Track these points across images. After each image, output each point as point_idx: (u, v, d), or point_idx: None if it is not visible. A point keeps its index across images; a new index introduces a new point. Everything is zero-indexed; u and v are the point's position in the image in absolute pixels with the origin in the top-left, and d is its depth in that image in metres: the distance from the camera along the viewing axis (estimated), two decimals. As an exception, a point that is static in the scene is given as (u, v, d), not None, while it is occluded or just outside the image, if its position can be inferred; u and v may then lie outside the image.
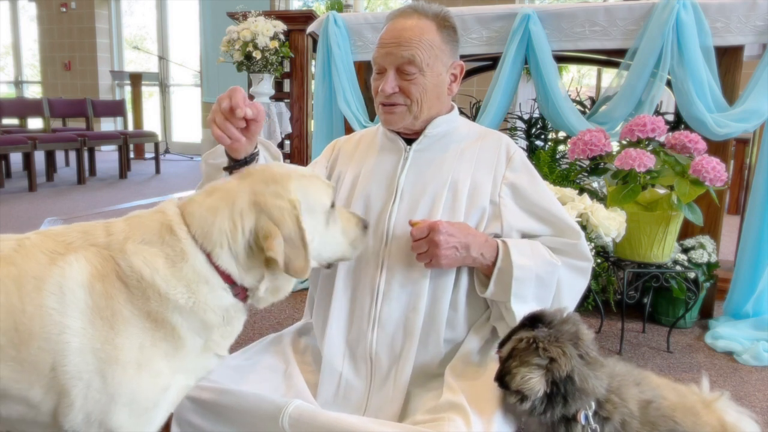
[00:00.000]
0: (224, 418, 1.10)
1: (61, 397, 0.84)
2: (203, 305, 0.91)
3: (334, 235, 1.07)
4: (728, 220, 2.92)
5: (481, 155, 1.32)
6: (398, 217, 1.26)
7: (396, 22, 1.26)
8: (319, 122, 2.90)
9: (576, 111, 2.43)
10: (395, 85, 1.25)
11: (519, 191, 1.29)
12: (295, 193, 0.96)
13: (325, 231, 1.04)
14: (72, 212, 4.35)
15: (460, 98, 4.25)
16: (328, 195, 1.04)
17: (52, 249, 0.88)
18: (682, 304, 2.25)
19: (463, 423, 1.02)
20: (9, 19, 10.01)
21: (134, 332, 0.87)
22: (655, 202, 2.00)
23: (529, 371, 1.02)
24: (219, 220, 0.92)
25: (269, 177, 0.98)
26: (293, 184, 0.98)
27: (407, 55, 1.23)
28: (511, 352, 1.07)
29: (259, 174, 1.00)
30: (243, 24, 4.19)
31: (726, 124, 2.16)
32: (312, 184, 1.02)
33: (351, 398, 1.22)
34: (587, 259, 1.30)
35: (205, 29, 7.86)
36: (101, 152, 8.19)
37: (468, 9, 2.54)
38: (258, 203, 0.93)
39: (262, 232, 0.91)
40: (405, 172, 1.30)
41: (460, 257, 1.19)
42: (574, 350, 1.05)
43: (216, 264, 0.92)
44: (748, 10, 2.18)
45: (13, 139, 5.31)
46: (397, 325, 1.22)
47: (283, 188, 0.96)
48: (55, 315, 0.83)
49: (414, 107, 1.27)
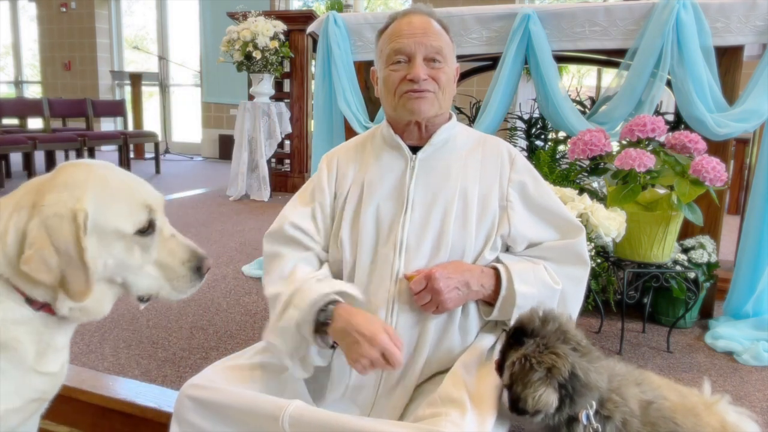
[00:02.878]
0: (224, 418, 1.10)
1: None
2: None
3: (142, 265, 0.93)
4: (728, 220, 2.92)
5: (485, 161, 1.32)
6: (411, 228, 1.25)
7: (411, 17, 1.28)
8: (319, 122, 2.90)
9: (576, 111, 2.43)
10: (426, 71, 1.26)
11: (526, 192, 1.30)
12: (85, 203, 0.84)
13: (128, 258, 0.91)
14: (72, 212, 4.35)
15: (460, 98, 4.24)
16: (132, 220, 0.90)
17: None
18: (682, 304, 2.25)
19: (460, 418, 1.02)
20: (9, 19, 10.01)
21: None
22: (655, 202, 2.00)
23: (535, 390, 1.02)
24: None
25: (65, 180, 0.85)
26: (89, 194, 0.85)
27: (437, 44, 1.26)
28: (511, 378, 1.06)
29: (62, 174, 0.87)
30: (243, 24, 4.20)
31: (726, 124, 2.16)
32: (115, 202, 0.88)
33: (357, 400, 1.23)
34: (585, 263, 1.30)
35: (205, 29, 7.86)
36: (101, 152, 8.18)
37: (468, 9, 2.54)
38: (36, 205, 0.81)
39: (28, 239, 0.79)
40: (414, 182, 1.28)
41: (463, 295, 1.21)
42: (565, 347, 1.05)
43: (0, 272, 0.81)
44: (748, 10, 2.18)
45: (13, 139, 5.31)
46: (412, 336, 1.22)
47: (71, 195, 0.83)
48: None
49: (440, 96, 1.28)
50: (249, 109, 4.69)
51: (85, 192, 0.85)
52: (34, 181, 0.89)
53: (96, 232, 0.84)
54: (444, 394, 1.10)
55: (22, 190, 0.87)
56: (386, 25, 1.32)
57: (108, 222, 0.87)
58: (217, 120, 8.58)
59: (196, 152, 8.75)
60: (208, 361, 1.87)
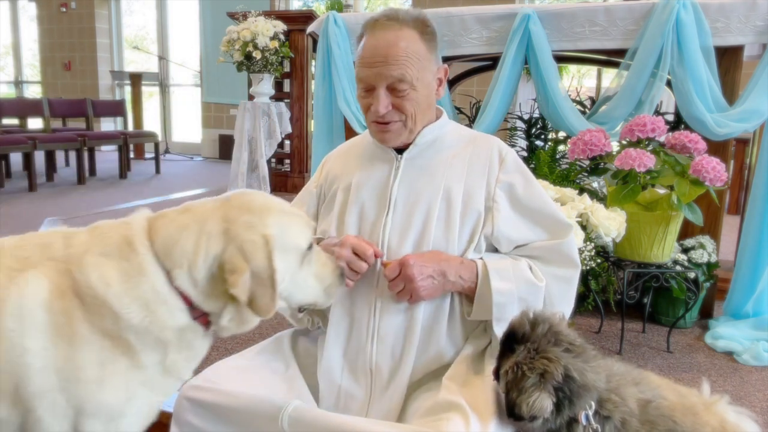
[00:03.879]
0: (224, 419, 1.10)
1: (27, 415, 0.84)
2: (159, 323, 0.88)
3: (306, 278, 1.01)
4: (728, 220, 2.92)
5: (472, 160, 1.30)
6: (393, 228, 1.24)
7: (378, 36, 1.21)
8: (319, 122, 2.90)
9: (576, 111, 2.43)
10: (388, 103, 1.21)
11: (514, 193, 1.28)
12: (271, 228, 0.91)
13: (298, 273, 0.98)
14: (72, 212, 4.35)
15: (460, 98, 4.24)
16: (306, 236, 0.99)
17: (9, 266, 0.86)
18: (682, 304, 2.25)
19: (462, 422, 1.02)
20: (9, 19, 10.01)
21: (94, 350, 0.85)
22: (655, 202, 2.00)
23: (529, 395, 1.01)
24: (183, 240, 0.89)
25: (247, 206, 0.93)
26: (272, 218, 0.93)
27: (397, 74, 1.18)
28: (506, 386, 1.06)
29: (238, 200, 0.95)
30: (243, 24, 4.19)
31: (726, 124, 2.16)
32: (292, 223, 0.97)
33: (351, 408, 1.22)
34: (574, 265, 1.28)
35: (205, 29, 7.86)
36: (101, 152, 8.19)
37: (468, 9, 2.54)
38: (229, 232, 0.89)
39: (228, 265, 0.87)
40: (398, 182, 1.28)
41: (439, 285, 1.18)
42: (557, 350, 1.04)
43: (175, 284, 0.88)
44: (748, 10, 2.18)
45: (13, 139, 5.31)
46: (396, 337, 1.21)
47: (259, 221, 0.91)
48: (14, 337, 0.82)
49: (409, 122, 1.24)
50: (249, 109, 4.69)
51: (268, 216, 0.92)
52: (203, 205, 0.95)
53: (280, 252, 0.91)
54: (443, 401, 1.10)
55: (194, 215, 0.92)
56: (360, 35, 1.27)
57: (289, 242, 0.95)
58: (217, 120, 8.58)
59: (196, 152, 8.75)
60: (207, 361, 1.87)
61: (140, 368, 0.89)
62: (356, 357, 1.23)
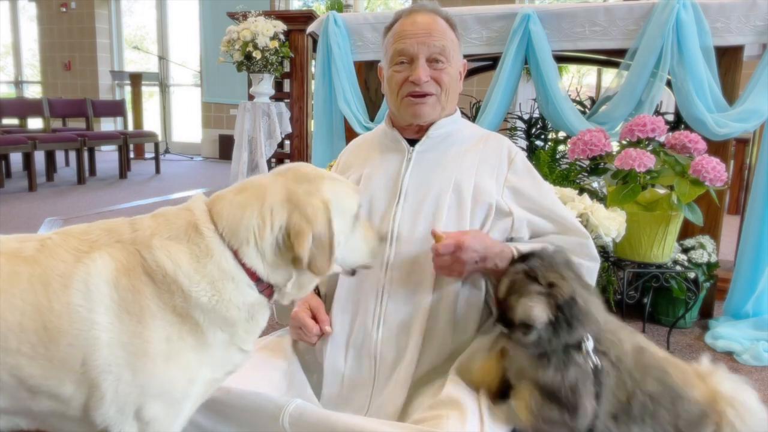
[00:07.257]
0: (225, 417, 1.10)
1: (92, 392, 0.85)
2: (227, 303, 0.91)
3: (357, 241, 1.07)
4: (728, 220, 2.92)
5: (483, 158, 1.32)
6: (402, 217, 1.26)
7: (416, 15, 1.29)
8: (319, 122, 2.90)
9: (576, 111, 2.43)
10: (428, 72, 1.26)
11: (520, 193, 1.29)
12: (327, 193, 0.97)
13: (351, 236, 1.04)
14: (72, 212, 4.35)
15: (460, 98, 4.23)
16: (356, 200, 1.05)
17: (76, 247, 0.89)
18: (682, 304, 2.25)
19: (459, 420, 1.02)
20: (9, 19, 10.02)
21: (161, 325, 0.88)
22: (655, 202, 2.00)
23: (530, 300, 1.00)
24: (247, 217, 0.93)
25: (302, 176, 0.99)
26: (326, 184, 0.99)
27: (440, 44, 1.26)
28: (509, 287, 1.05)
29: (292, 173, 1.01)
30: (243, 24, 4.19)
31: (726, 124, 2.16)
32: (343, 187, 1.03)
33: (354, 397, 1.22)
34: (595, 259, 1.30)
35: (205, 29, 7.87)
36: (101, 152, 8.19)
37: (468, 9, 2.55)
38: (291, 200, 0.94)
39: (293, 229, 0.92)
40: (409, 173, 1.30)
41: (477, 268, 1.21)
42: (571, 273, 1.04)
43: (243, 261, 0.92)
44: (748, 10, 2.18)
45: (13, 139, 5.31)
46: (402, 324, 1.22)
47: (316, 188, 0.97)
48: (82, 311, 0.84)
49: (443, 97, 1.29)
50: (249, 109, 4.69)
51: (323, 184, 0.98)
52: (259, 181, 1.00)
53: (337, 216, 0.97)
54: (445, 397, 1.10)
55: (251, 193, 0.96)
56: (392, 23, 1.33)
57: (343, 206, 1.00)
58: (217, 120, 8.58)
59: (196, 152, 8.75)
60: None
61: (206, 347, 0.92)
62: (361, 343, 1.24)
